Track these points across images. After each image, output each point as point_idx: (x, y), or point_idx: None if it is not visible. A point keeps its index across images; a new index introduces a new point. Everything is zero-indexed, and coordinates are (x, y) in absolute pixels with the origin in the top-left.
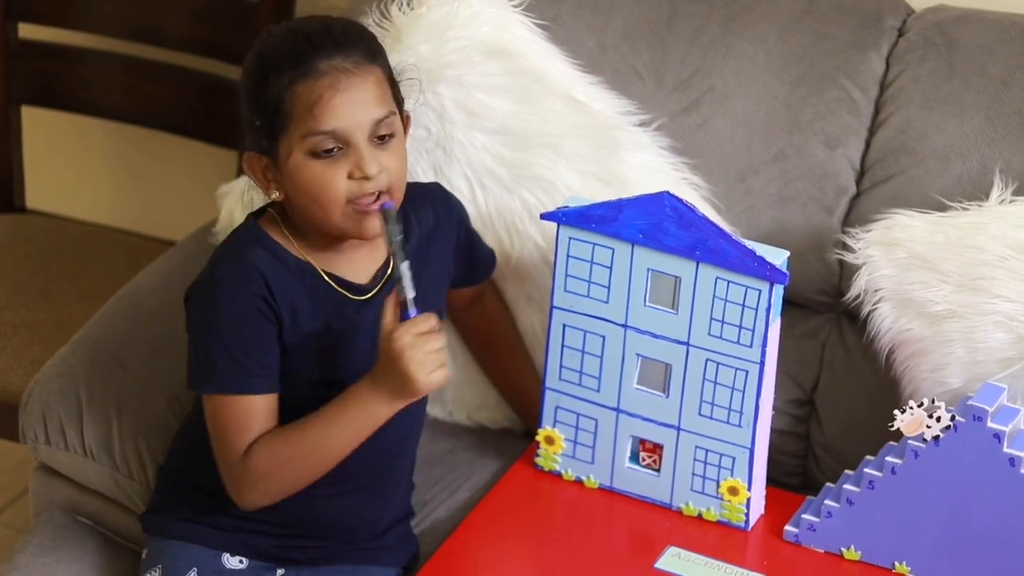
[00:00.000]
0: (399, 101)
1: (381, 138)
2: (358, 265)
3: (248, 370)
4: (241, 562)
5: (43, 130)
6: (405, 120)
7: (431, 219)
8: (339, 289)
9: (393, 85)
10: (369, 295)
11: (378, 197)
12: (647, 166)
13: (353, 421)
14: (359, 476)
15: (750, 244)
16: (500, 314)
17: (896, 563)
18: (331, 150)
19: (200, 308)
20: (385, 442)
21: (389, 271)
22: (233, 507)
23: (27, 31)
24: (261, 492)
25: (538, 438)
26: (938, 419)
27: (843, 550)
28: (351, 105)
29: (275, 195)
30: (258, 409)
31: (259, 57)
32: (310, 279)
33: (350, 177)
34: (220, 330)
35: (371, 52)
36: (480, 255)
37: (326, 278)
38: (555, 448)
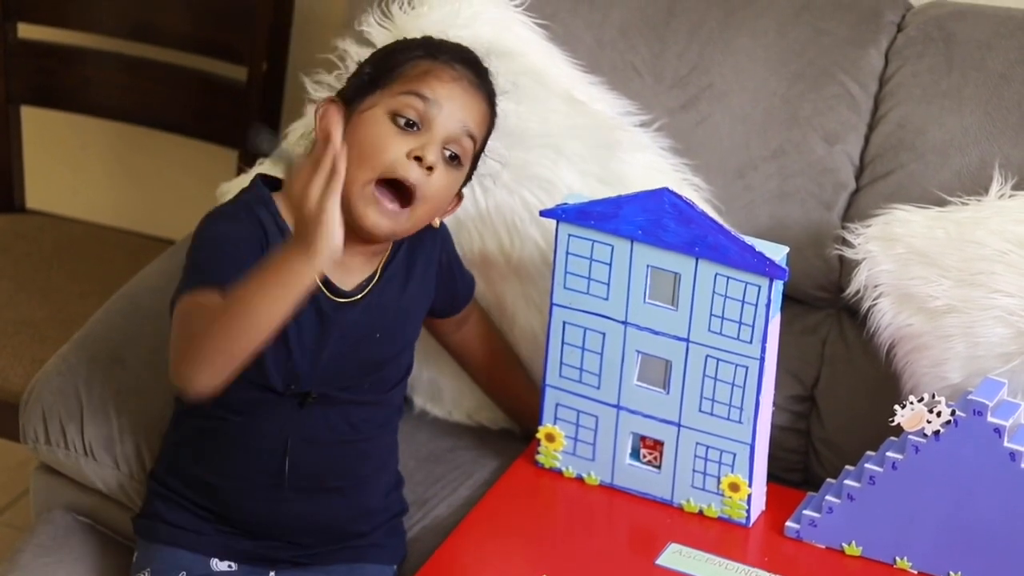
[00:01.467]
0: (478, 156)
1: (451, 157)
2: (348, 271)
3: (238, 267)
4: (230, 567)
5: (42, 129)
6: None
7: (416, 244)
8: (321, 286)
9: (483, 145)
10: (347, 300)
11: (406, 195)
12: (647, 166)
13: (274, 278)
14: (324, 475)
15: (749, 240)
16: (488, 334)
17: (897, 558)
18: (411, 123)
19: (199, 232)
20: (349, 440)
21: (374, 282)
22: (216, 512)
23: (26, 31)
24: (190, 359)
25: (539, 435)
26: (938, 414)
27: (844, 545)
28: (459, 99)
29: None
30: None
31: (397, 41)
32: None
33: (407, 155)
34: (209, 249)
35: (491, 101)
36: (460, 281)
37: None
38: (556, 445)
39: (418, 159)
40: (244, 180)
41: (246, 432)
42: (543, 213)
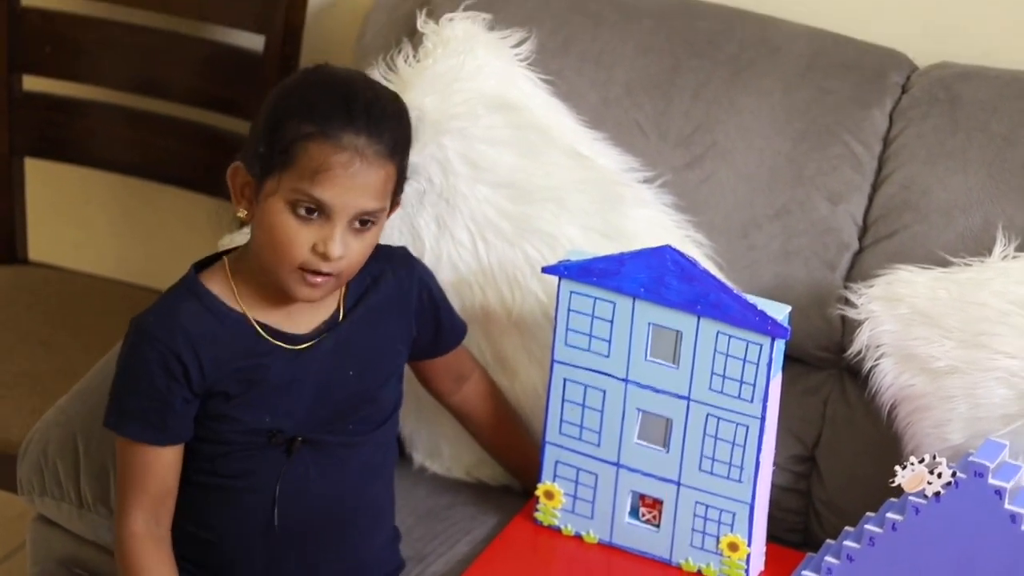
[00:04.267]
0: (398, 193)
1: (362, 223)
2: (298, 317)
3: (147, 421)
4: None
5: (46, 182)
6: (395, 205)
7: (390, 281)
8: (273, 341)
9: (399, 180)
10: (306, 344)
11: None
12: (651, 222)
13: None
14: (316, 526)
15: (752, 298)
16: (490, 394)
17: None
18: (311, 212)
19: (124, 348)
20: (339, 486)
21: (335, 322)
22: (210, 568)
23: (31, 83)
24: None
25: (537, 492)
26: (939, 475)
27: None
28: (351, 189)
29: (241, 213)
30: (152, 460)
31: (291, 92)
32: (243, 330)
33: (312, 249)
34: (130, 375)
35: (395, 147)
36: (445, 324)
37: (259, 330)
38: (554, 503)
39: (323, 254)
40: (245, 234)
41: (235, 486)
42: (545, 270)
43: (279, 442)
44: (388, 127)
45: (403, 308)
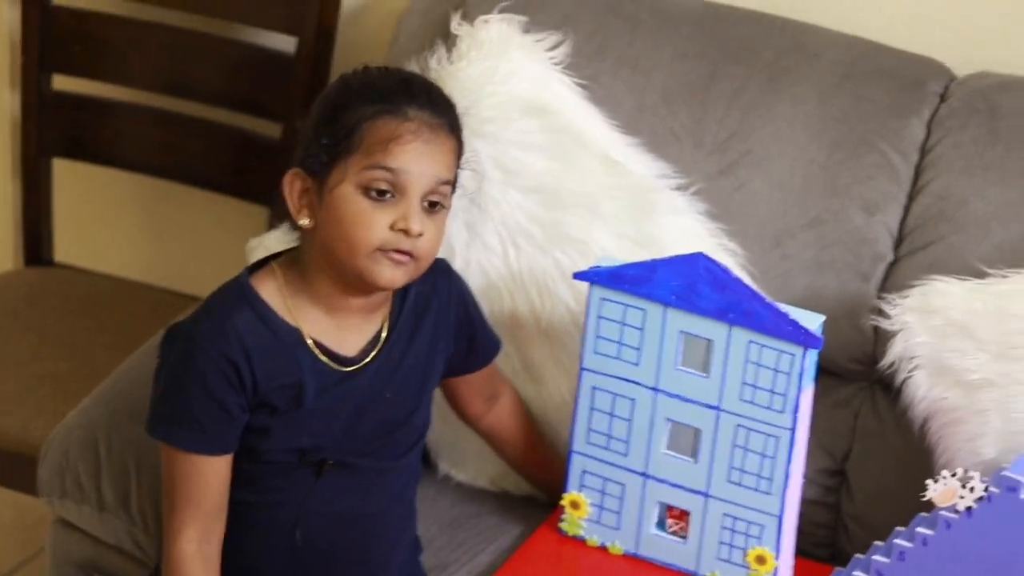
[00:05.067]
0: (455, 184)
1: (432, 205)
2: (348, 335)
3: (200, 429)
4: None
5: (74, 183)
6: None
7: (430, 291)
8: (324, 359)
9: (458, 166)
10: (354, 367)
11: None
12: (683, 230)
13: None
14: (338, 550)
15: (784, 308)
16: (519, 413)
17: None
18: (384, 192)
19: (171, 357)
20: (363, 513)
21: (381, 343)
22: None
23: (61, 82)
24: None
25: (563, 502)
26: (971, 489)
27: None
28: (425, 156)
29: (304, 221)
30: (206, 471)
31: (348, 84)
32: (296, 347)
33: (392, 227)
34: (183, 384)
35: (455, 126)
36: (480, 338)
37: (313, 347)
38: (580, 513)
39: (404, 231)
40: (273, 236)
41: (259, 504)
42: (576, 276)
43: (310, 462)
44: (445, 105)
45: (443, 324)
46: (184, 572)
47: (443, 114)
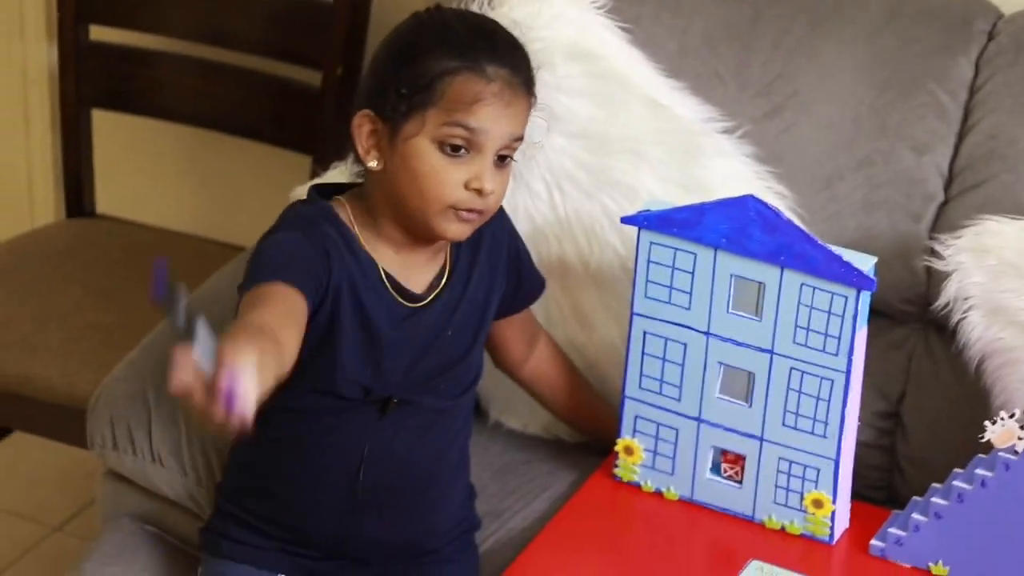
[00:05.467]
0: None
1: (502, 158)
2: (416, 272)
3: (281, 267)
4: None
5: (114, 133)
6: None
7: (486, 235)
8: (394, 294)
9: (531, 110)
10: (420, 304)
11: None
12: (731, 173)
13: None
14: (398, 489)
15: (836, 250)
16: (558, 357)
17: None
18: (459, 148)
19: (266, 237)
20: (423, 450)
21: (444, 280)
22: (285, 528)
23: (98, 33)
24: None
25: (617, 448)
26: None
27: (931, 565)
28: (504, 117)
29: (373, 163)
30: (280, 294)
31: (426, 28)
32: (371, 276)
33: (465, 186)
34: (274, 248)
35: (532, 82)
36: (526, 279)
37: (384, 279)
38: (634, 459)
39: (477, 190)
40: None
41: (320, 444)
42: (624, 220)
43: (375, 400)
44: (525, 62)
45: (496, 262)
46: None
47: (523, 71)
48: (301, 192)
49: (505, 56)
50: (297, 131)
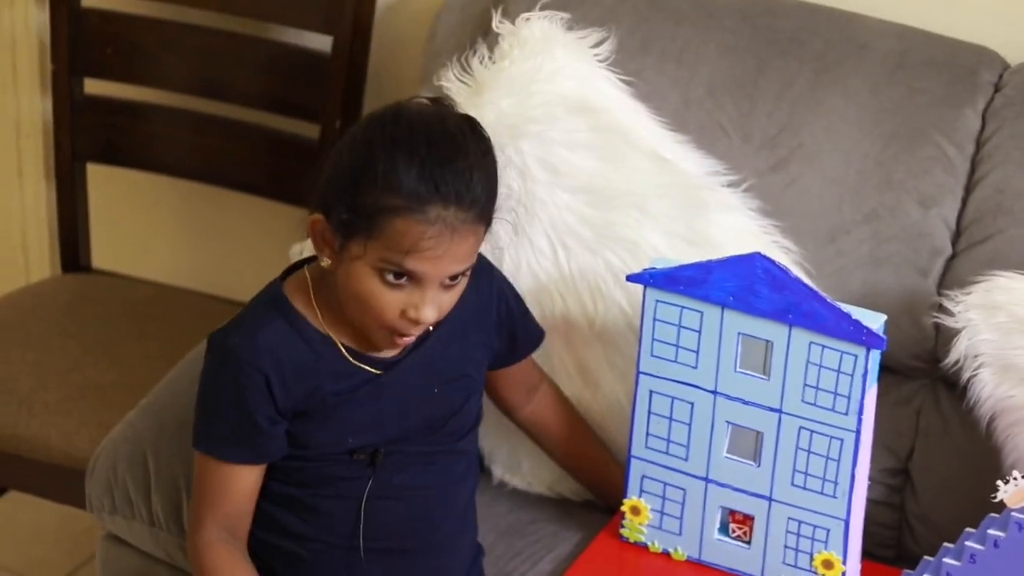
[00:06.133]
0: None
1: (453, 277)
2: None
3: (233, 439)
4: None
5: (109, 188)
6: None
7: (472, 294)
8: (359, 364)
9: (487, 229)
10: (391, 367)
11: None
12: (736, 228)
13: None
14: (401, 535)
15: (845, 307)
16: (560, 404)
17: None
18: (399, 278)
19: (208, 367)
20: (424, 492)
21: (420, 341)
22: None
23: (93, 87)
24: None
25: (623, 508)
26: None
27: None
28: (444, 258)
29: (325, 262)
30: (234, 481)
31: (376, 148)
32: (329, 353)
33: (403, 315)
34: (215, 395)
35: (484, 208)
36: (520, 333)
37: (345, 353)
38: (641, 519)
39: (415, 320)
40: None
41: (318, 498)
42: (630, 278)
43: (361, 457)
44: (476, 191)
45: (484, 320)
46: (210, 555)
47: (470, 207)
48: (299, 248)
49: (451, 196)
50: (295, 184)
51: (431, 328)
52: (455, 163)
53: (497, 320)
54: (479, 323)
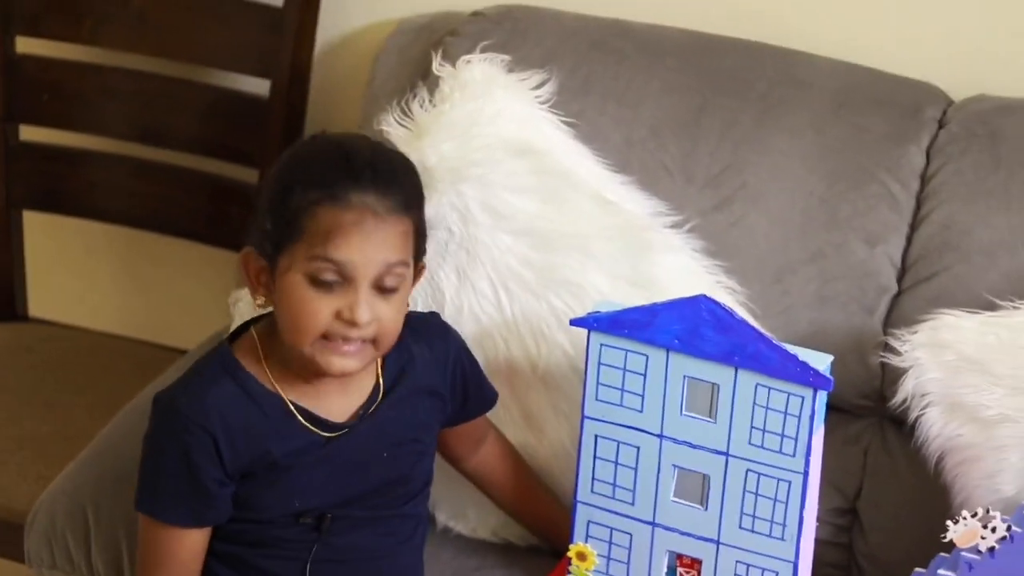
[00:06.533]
0: (420, 253)
1: (384, 289)
2: (335, 399)
3: (181, 504)
4: None
5: (45, 235)
6: (419, 271)
7: (427, 357)
8: (308, 425)
9: (419, 237)
10: (339, 433)
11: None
12: (680, 269)
13: None
14: None
15: (792, 348)
16: (507, 454)
17: None
18: (330, 283)
19: (153, 428)
20: (371, 557)
21: (374, 405)
22: None
23: (28, 133)
24: None
25: (570, 554)
26: (993, 529)
27: None
28: (369, 244)
29: (259, 301)
30: (180, 545)
31: (292, 163)
32: (279, 415)
33: (337, 316)
34: (161, 457)
35: (408, 202)
36: (473, 396)
37: (296, 414)
38: (587, 564)
39: (350, 321)
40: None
41: (262, 558)
42: (574, 322)
43: (308, 520)
44: (396, 181)
45: (439, 384)
46: None
47: (392, 193)
48: (239, 295)
49: (366, 179)
50: (234, 230)
51: (381, 393)
52: (368, 154)
53: (451, 385)
54: (434, 387)
